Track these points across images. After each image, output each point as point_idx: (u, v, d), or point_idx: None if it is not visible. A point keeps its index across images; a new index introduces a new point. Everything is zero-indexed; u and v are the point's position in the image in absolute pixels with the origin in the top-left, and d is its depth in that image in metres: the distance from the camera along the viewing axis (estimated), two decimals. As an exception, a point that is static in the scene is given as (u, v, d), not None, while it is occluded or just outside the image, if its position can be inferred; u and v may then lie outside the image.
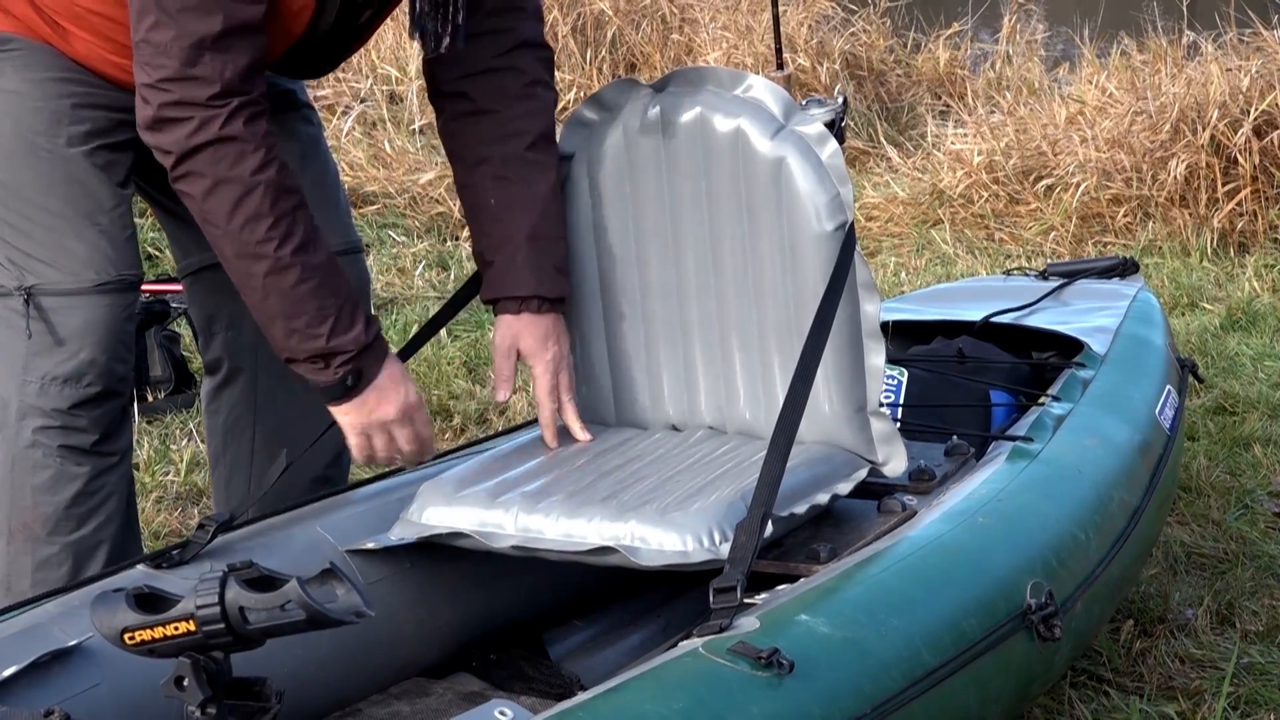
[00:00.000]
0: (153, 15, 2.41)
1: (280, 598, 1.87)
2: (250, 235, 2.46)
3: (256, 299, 2.51)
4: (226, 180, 2.44)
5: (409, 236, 6.35)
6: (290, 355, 2.55)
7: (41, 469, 2.65)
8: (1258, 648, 3.17)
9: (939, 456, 2.88)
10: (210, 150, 2.43)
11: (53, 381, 2.63)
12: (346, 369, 2.54)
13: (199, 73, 2.41)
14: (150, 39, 2.42)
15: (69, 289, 2.63)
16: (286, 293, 2.49)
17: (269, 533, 2.60)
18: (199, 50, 2.41)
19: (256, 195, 2.45)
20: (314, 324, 2.51)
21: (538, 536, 2.48)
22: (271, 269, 2.48)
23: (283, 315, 2.51)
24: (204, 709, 1.88)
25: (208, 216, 2.48)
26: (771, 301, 2.66)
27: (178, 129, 2.43)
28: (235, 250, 2.48)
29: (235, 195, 2.45)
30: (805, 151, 2.59)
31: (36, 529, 2.66)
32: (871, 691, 2.16)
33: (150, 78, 2.43)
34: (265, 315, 2.53)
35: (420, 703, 2.55)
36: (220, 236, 2.49)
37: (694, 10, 8.41)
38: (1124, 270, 3.90)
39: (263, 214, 2.46)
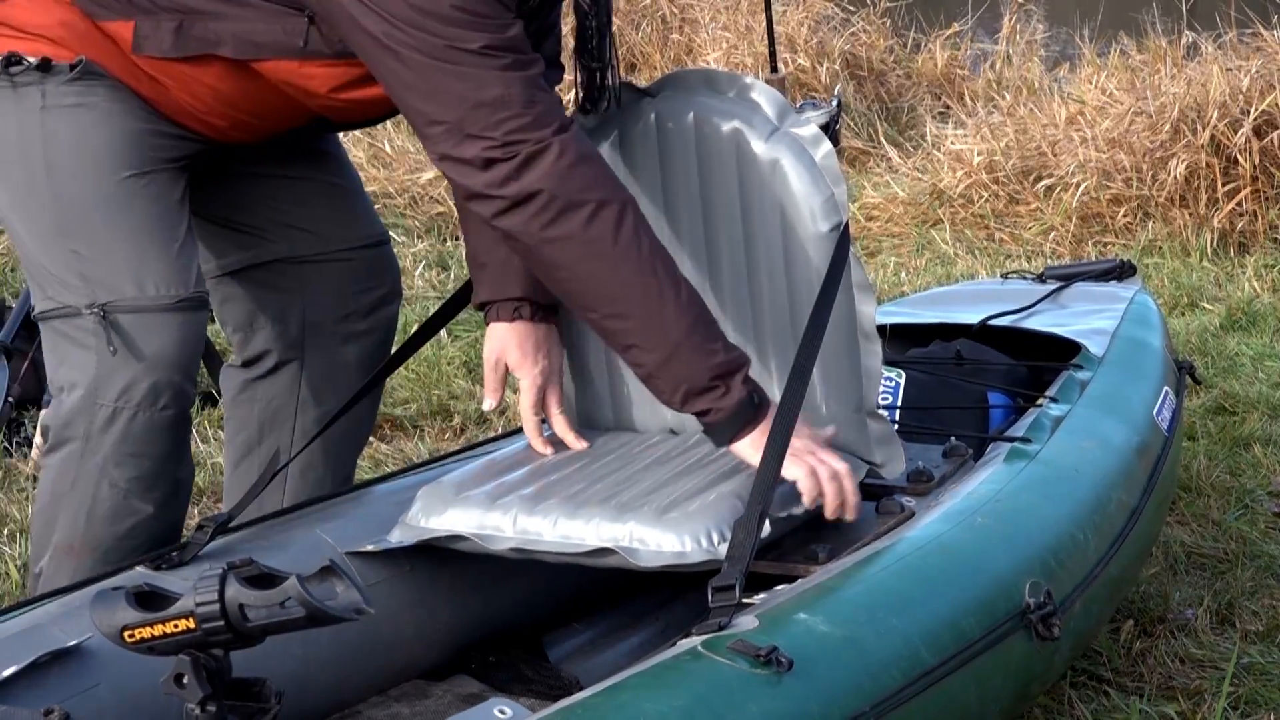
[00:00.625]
0: (474, 84, 2.39)
1: (280, 595, 1.87)
2: (642, 247, 2.43)
3: (657, 323, 2.44)
4: (607, 198, 2.42)
5: (409, 236, 6.36)
6: (692, 385, 2.45)
7: (104, 500, 2.60)
8: (1258, 648, 3.17)
9: (937, 458, 2.89)
10: (582, 167, 2.42)
11: (127, 405, 2.56)
12: (749, 385, 2.47)
13: (538, 112, 2.41)
14: (483, 99, 2.39)
15: (148, 305, 2.56)
16: (686, 304, 2.44)
17: (268, 534, 2.60)
18: (532, 92, 2.41)
19: (631, 209, 2.45)
20: (711, 338, 2.46)
21: (536, 539, 2.49)
22: (669, 280, 2.44)
23: (687, 332, 2.44)
24: (204, 706, 1.88)
25: (596, 246, 2.42)
26: (767, 303, 2.66)
27: (543, 160, 2.40)
28: (633, 269, 2.43)
29: (617, 211, 2.42)
30: (800, 153, 2.60)
31: (83, 554, 2.61)
32: (870, 690, 2.16)
33: (496, 137, 2.40)
34: (669, 340, 2.44)
35: (420, 704, 2.56)
36: (611, 265, 2.43)
37: (694, 10, 8.42)
38: (1121, 273, 3.90)
39: (643, 225, 2.45)
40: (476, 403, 4.57)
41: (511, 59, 2.41)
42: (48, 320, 2.62)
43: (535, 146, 2.40)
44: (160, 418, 2.58)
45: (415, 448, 4.28)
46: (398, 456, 4.19)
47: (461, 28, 2.39)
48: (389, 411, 4.50)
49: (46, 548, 2.65)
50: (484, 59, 2.40)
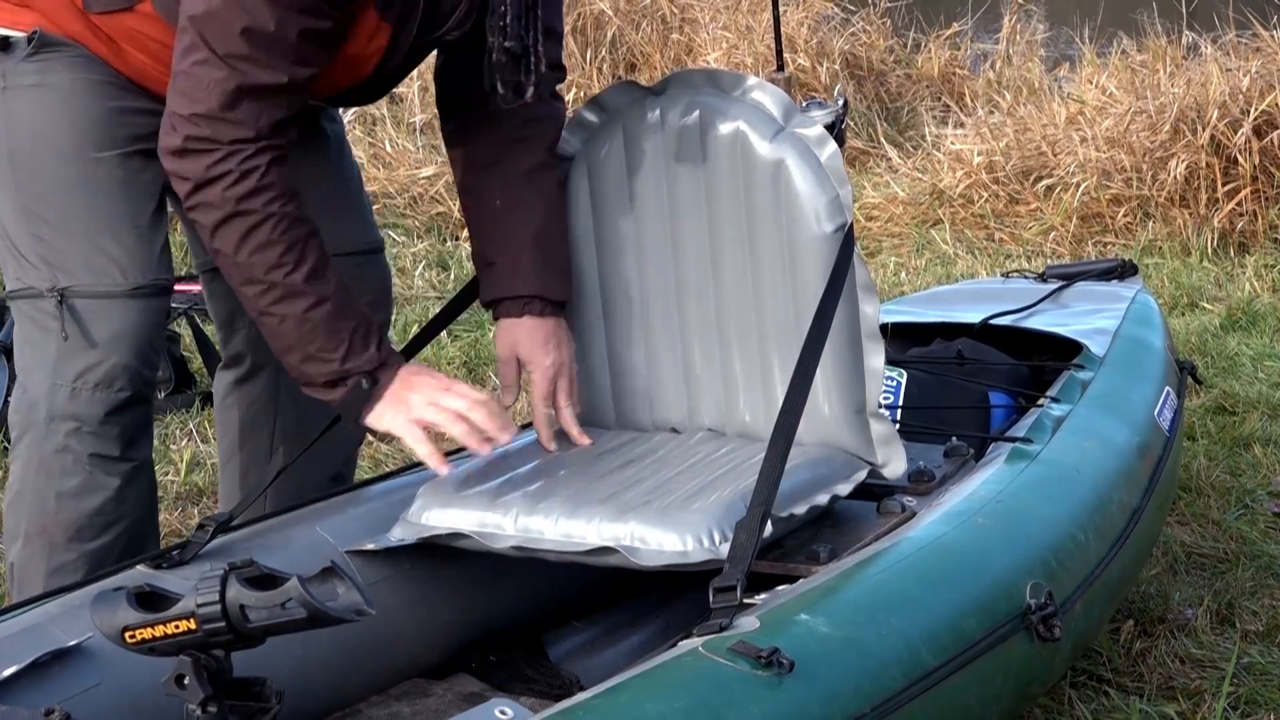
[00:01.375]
0: (202, 52, 2.40)
1: (281, 596, 1.87)
2: (260, 262, 2.46)
3: (271, 326, 2.51)
4: (237, 213, 2.44)
5: (409, 236, 6.36)
6: (306, 380, 2.55)
7: (69, 475, 2.63)
8: (1258, 648, 3.17)
9: (938, 458, 2.89)
10: (224, 183, 2.43)
11: (84, 386, 2.61)
12: (363, 382, 2.53)
13: (235, 117, 2.42)
14: (194, 73, 2.41)
15: (104, 292, 2.61)
16: (300, 319, 2.49)
17: (269, 533, 2.60)
18: (240, 96, 2.41)
19: (268, 225, 2.46)
20: (327, 349, 2.51)
21: (538, 537, 2.49)
22: (283, 296, 2.48)
23: (297, 341, 2.51)
24: (204, 707, 1.88)
25: (219, 246, 2.48)
26: (771, 303, 2.66)
27: (199, 160, 2.43)
28: (246, 277, 2.48)
29: (246, 226, 2.45)
30: (804, 153, 2.60)
31: (56, 535, 2.64)
32: (871, 691, 2.16)
33: (184, 109, 2.43)
34: (280, 344, 2.53)
35: (420, 703, 2.56)
36: (231, 266, 2.49)
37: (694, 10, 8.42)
38: (1123, 272, 3.90)
39: (273, 242, 2.46)
40: (476, 402, 4.57)
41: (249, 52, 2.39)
42: (15, 301, 2.67)
43: (198, 145, 2.43)
44: (116, 399, 2.63)
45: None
46: (398, 456, 4.19)
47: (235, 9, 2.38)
48: (389, 411, 4.49)
49: (17, 537, 2.67)
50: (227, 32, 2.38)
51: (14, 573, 2.68)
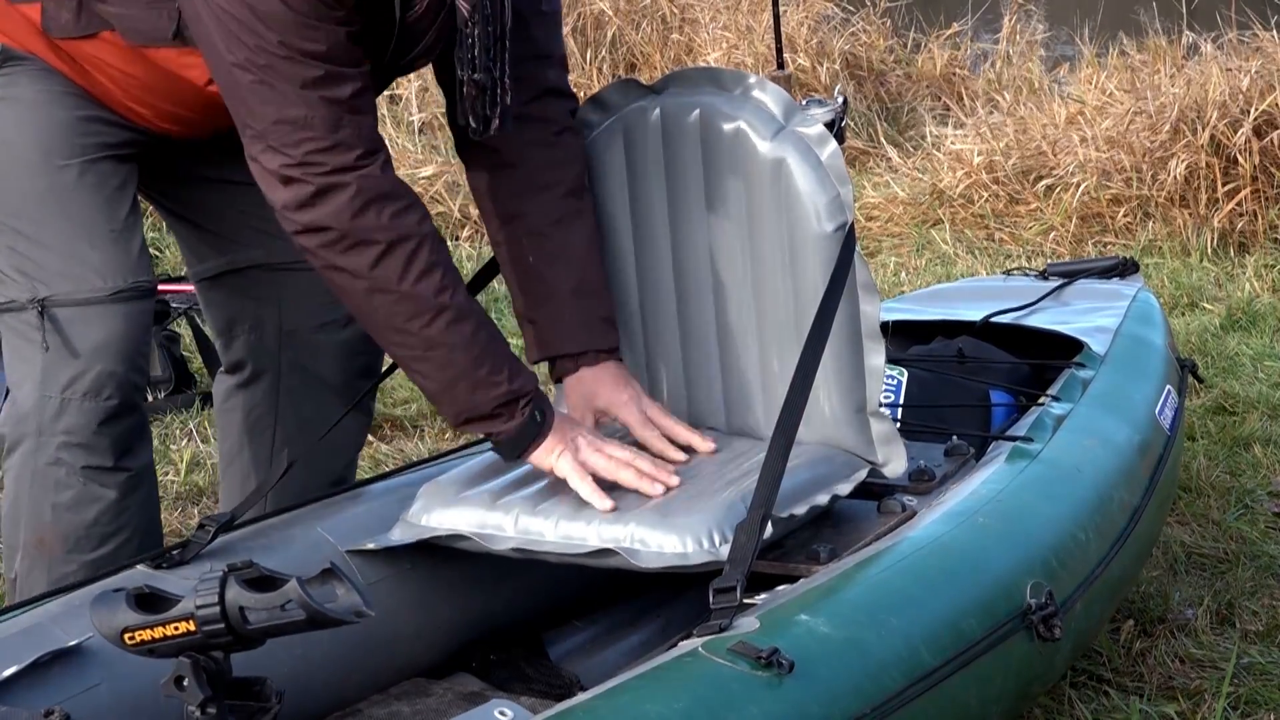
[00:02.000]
0: (277, 96, 2.36)
1: (280, 597, 1.87)
2: (428, 287, 2.40)
3: (439, 357, 2.44)
4: (399, 238, 2.39)
5: (409, 236, 6.35)
6: (473, 413, 2.47)
7: (64, 488, 2.60)
8: (1258, 648, 3.17)
9: (939, 457, 2.88)
10: (376, 208, 2.38)
11: (73, 397, 2.58)
12: (530, 408, 2.48)
13: (345, 137, 2.37)
14: (284, 117, 2.36)
15: (84, 299, 2.58)
16: (469, 341, 2.44)
17: (269, 533, 2.60)
18: (339, 115, 2.37)
19: (427, 245, 2.41)
20: (496, 370, 2.45)
21: (538, 539, 2.48)
22: (453, 319, 2.42)
23: (469, 367, 2.44)
24: (204, 709, 1.88)
25: (380, 283, 2.40)
26: (771, 302, 2.66)
27: (338, 197, 2.37)
28: (414, 309, 2.41)
29: (409, 250, 2.39)
30: (805, 152, 2.59)
31: (54, 548, 2.61)
32: (871, 691, 2.16)
33: (294, 156, 2.37)
34: (448, 374, 2.45)
35: (420, 703, 2.55)
36: (394, 301, 2.41)
37: (694, 10, 8.42)
38: (1124, 270, 3.90)
39: (435, 263, 2.41)
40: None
41: (322, 72, 2.36)
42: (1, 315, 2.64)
43: (330, 179, 2.37)
44: (105, 407, 2.59)
45: (415, 448, 4.28)
46: (398, 456, 4.19)
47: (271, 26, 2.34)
48: (389, 411, 4.50)
49: (16, 550, 2.65)
50: (290, 67, 2.34)
51: (16, 586, 2.66)
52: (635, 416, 2.65)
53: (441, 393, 2.48)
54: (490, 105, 2.50)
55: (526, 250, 2.64)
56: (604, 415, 2.66)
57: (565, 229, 2.63)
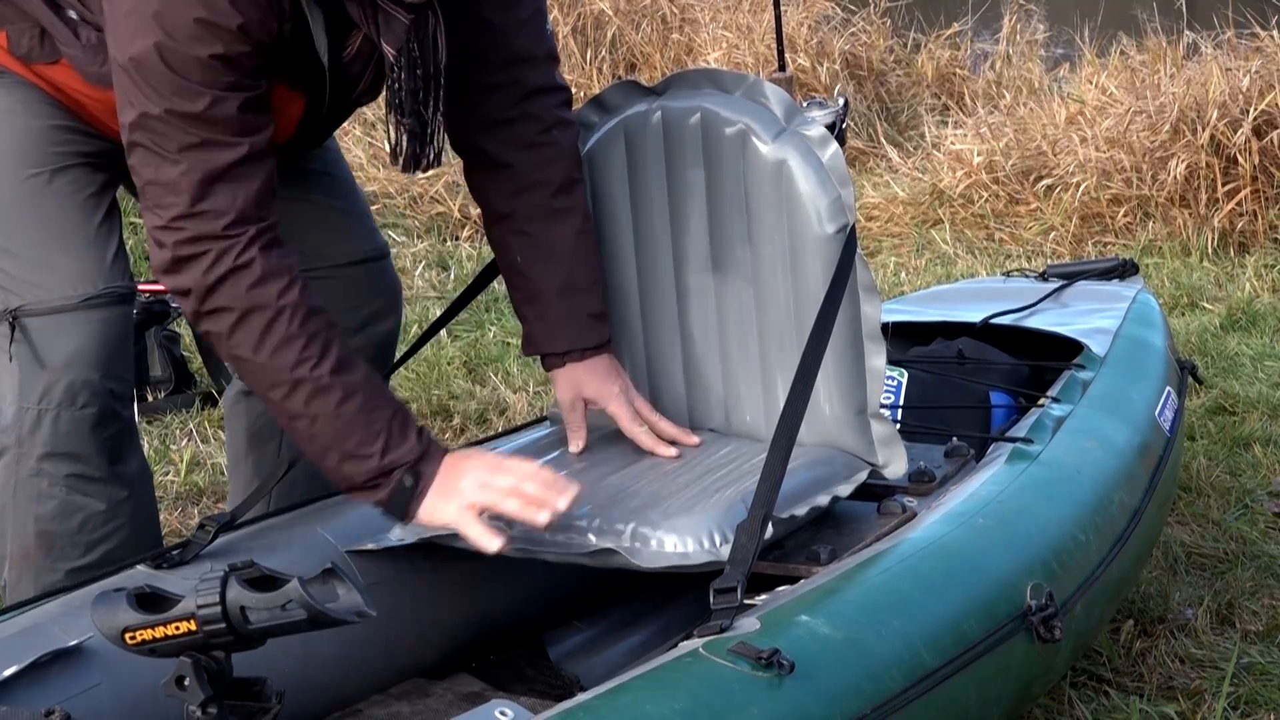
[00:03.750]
0: (155, 156, 2.34)
1: (281, 597, 1.87)
2: (283, 360, 2.37)
3: (303, 428, 2.40)
4: (252, 309, 2.36)
5: (409, 236, 6.36)
6: (348, 483, 2.44)
7: (46, 499, 2.58)
8: (1258, 648, 3.17)
9: (939, 458, 2.88)
10: (231, 280, 2.35)
11: (49, 408, 2.55)
12: (407, 478, 2.42)
13: (211, 205, 2.34)
14: (157, 179, 2.34)
15: (55, 307, 2.55)
16: (332, 415, 2.39)
17: (270, 533, 2.60)
18: (209, 183, 2.34)
19: (284, 318, 2.37)
20: (366, 443, 2.40)
21: (539, 538, 2.48)
22: (312, 393, 2.38)
23: (333, 441, 2.40)
24: (205, 709, 1.88)
25: (236, 351, 2.38)
26: (772, 304, 2.66)
27: (196, 265, 2.35)
28: (271, 380, 2.39)
29: (263, 322, 2.36)
30: (806, 154, 2.60)
31: (38, 558, 2.59)
32: (872, 692, 2.16)
33: (162, 219, 2.35)
34: (315, 446, 2.41)
35: (420, 703, 2.56)
36: (254, 370, 2.39)
37: (694, 10, 8.42)
38: (1123, 272, 3.90)
39: (293, 336, 2.37)
40: (477, 403, 4.57)
41: (199, 140, 2.32)
42: None
43: (190, 248, 2.35)
44: (82, 416, 2.57)
45: (415, 447, 4.27)
46: (398, 456, 4.18)
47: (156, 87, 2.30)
48: (389, 411, 4.49)
49: (4, 560, 2.63)
50: (170, 130, 2.32)
51: (6, 594, 2.66)
52: (624, 411, 2.67)
53: (317, 458, 2.44)
54: (421, 146, 2.50)
55: (514, 249, 2.66)
56: (593, 404, 2.69)
57: (552, 227, 2.64)
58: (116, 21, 2.34)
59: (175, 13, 2.28)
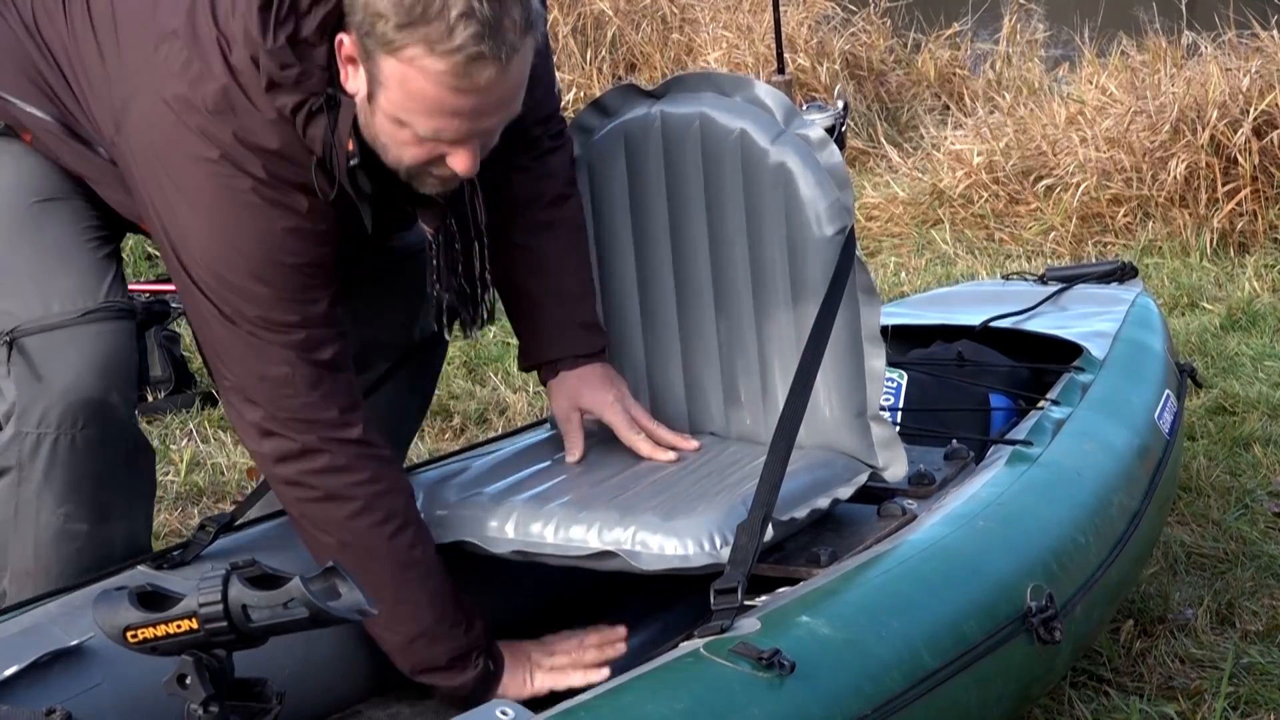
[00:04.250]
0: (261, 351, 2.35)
1: (283, 595, 1.87)
2: (401, 543, 2.41)
3: (406, 612, 2.42)
4: (375, 499, 2.40)
5: (409, 236, 6.35)
6: (431, 665, 2.46)
7: (45, 528, 2.54)
8: (1258, 648, 3.17)
9: (939, 460, 2.89)
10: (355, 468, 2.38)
11: (47, 430, 2.50)
12: (484, 659, 2.47)
13: (327, 392, 2.37)
14: (266, 374, 2.36)
15: (52, 324, 2.51)
16: (433, 597, 2.43)
17: (270, 533, 2.60)
18: (320, 372, 2.36)
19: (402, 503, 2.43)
20: (456, 624, 2.45)
21: (538, 541, 2.48)
22: (423, 576, 2.42)
23: (432, 622, 2.43)
24: (206, 707, 1.88)
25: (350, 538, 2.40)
26: (772, 306, 2.66)
27: (312, 461, 2.38)
28: (385, 566, 2.40)
29: (384, 511, 2.41)
30: (806, 156, 2.60)
31: (39, 579, 2.56)
32: (872, 693, 2.16)
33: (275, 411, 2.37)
34: (411, 629, 2.44)
35: (420, 704, 2.56)
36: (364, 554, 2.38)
37: (694, 10, 8.42)
38: (1123, 275, 3.90)
39: (410, 521, 2.43)
40: (477, 403, 4.57)
41: (303, 336, 2.35)
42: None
43: (307, 444, 2.37)
44: (82, 437, 2.51)
45: (415, 448, 4.28)
46: (398, 456, 4.19)
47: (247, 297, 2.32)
48: (389, 411, 4.49)
49: (5, 570, 2.61)
50: (270, 331, 2.34)
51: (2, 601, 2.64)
52: (621, 419, 2.67)
53: (401, 649, 2.46)
54: (471, 309, 2.56)
55: (507, 264, 2.66)
56: (589, 413, 2.69)
57: (542, 239, 2.65)
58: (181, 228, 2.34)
59: (260, 224, 2.30)
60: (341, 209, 2.37)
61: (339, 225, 2.38)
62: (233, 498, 3.91)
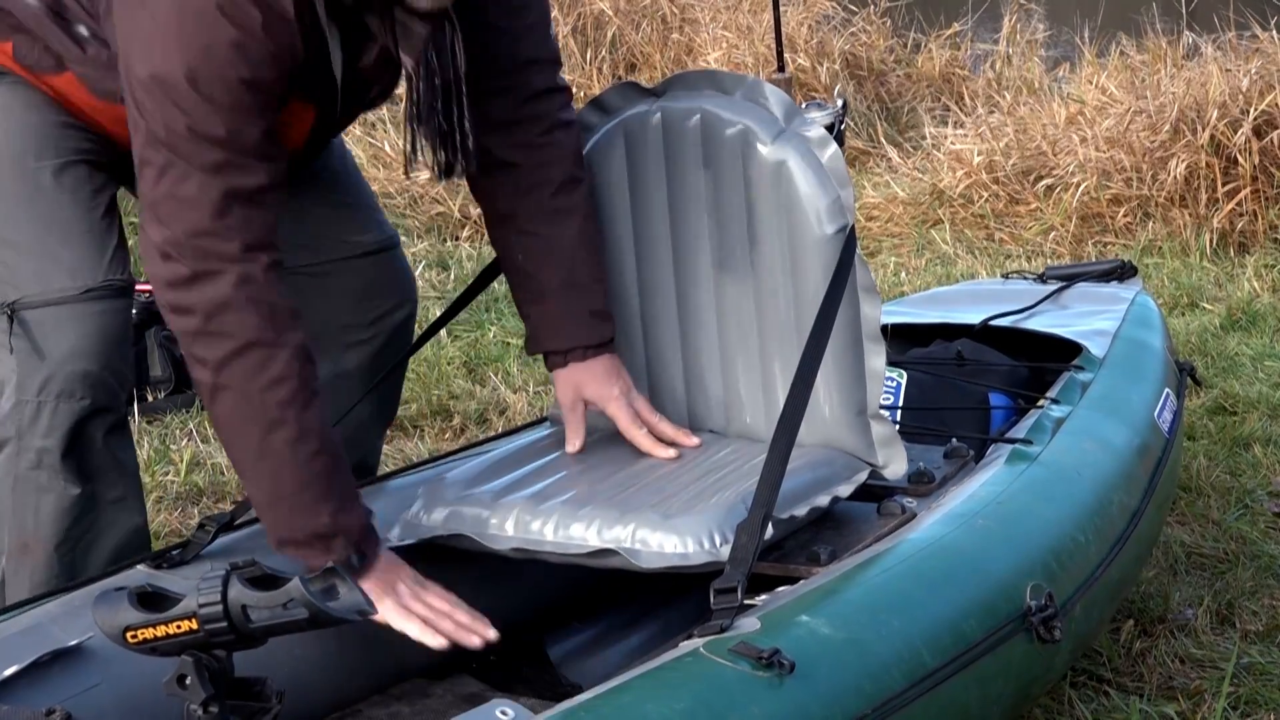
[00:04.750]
0: (179, 169, 2.32)
1: (283, 596, 1.88)
2: (272, 398, 2.35)
3: (266, 469, 2.38)
4: (256, 341, 2.34)
5: (409, 236, 6.36)
6: (289, 536, 2.41)
7: (45, 492, 2.59)
8: (1258, 648, 3.17)
9: (938, 459, 2.89)
10: (242, 308, 2.33)
11: (48, 399, 2.56)
12: (350, 551, 2.42)
13: (231, 224, 2.32)
14: (176, 194, 2.32)
15: (54, 299, 2.56)
16: (303, 463, 2.37)
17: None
18: (230, 201, 2.32)
19: (284, 357, 2.35)
20: (322, 499, 2.39)
21: (538, 539, 2.49)
22: (293, 437, 2.36)
23: (295, 489, 2.38)
24: (206, 707, 1.88)
25: (224, 379, 2.35)
26: (772, 304, 2.66)
27: (211, 284, 2.33)
28: (251, 414, 2.36)
29: (263, 357, 2.34)
30: (806, 154, 2.60)
31: (37, 551, 2.60)
32: (872, 692, 2.17)
33: (176, 232, 2.32)
34: (273, 489, 2.39)
35: (420, 704, 2.56)
36: (235, 401, 2.36)
37: (694, 10, 8.42)
38: (1122, 273, 3.90)
39: (289, 376, 2.35)
40: (477, 403, 4.57)
41: (222, 157, 2.31)
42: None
43: (206, 265, 2.32)
44: (80, 408, 2.57)
45: (415, 448, 4.28)
46: (398, 457, 4.19)
47: (180, 105, 2.29)
48: (389, 411, 4.50)
49: (2, 552, 2.64)
50: (193, 147, 2.30)
51: (4, 587, 2.66)
52: (624, 413, 2.67)
53: (264, 507, 2.42)
54: (451, 152, 2.49)
55: (517, 249, 2.67)
56: (593, 405, 2.69)
57: (554, 226, 2.65)
58: (134, 38, 2.33)
59: (207, 34, 2.28)
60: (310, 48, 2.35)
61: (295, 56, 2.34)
62: (232, 497, 3.91)
